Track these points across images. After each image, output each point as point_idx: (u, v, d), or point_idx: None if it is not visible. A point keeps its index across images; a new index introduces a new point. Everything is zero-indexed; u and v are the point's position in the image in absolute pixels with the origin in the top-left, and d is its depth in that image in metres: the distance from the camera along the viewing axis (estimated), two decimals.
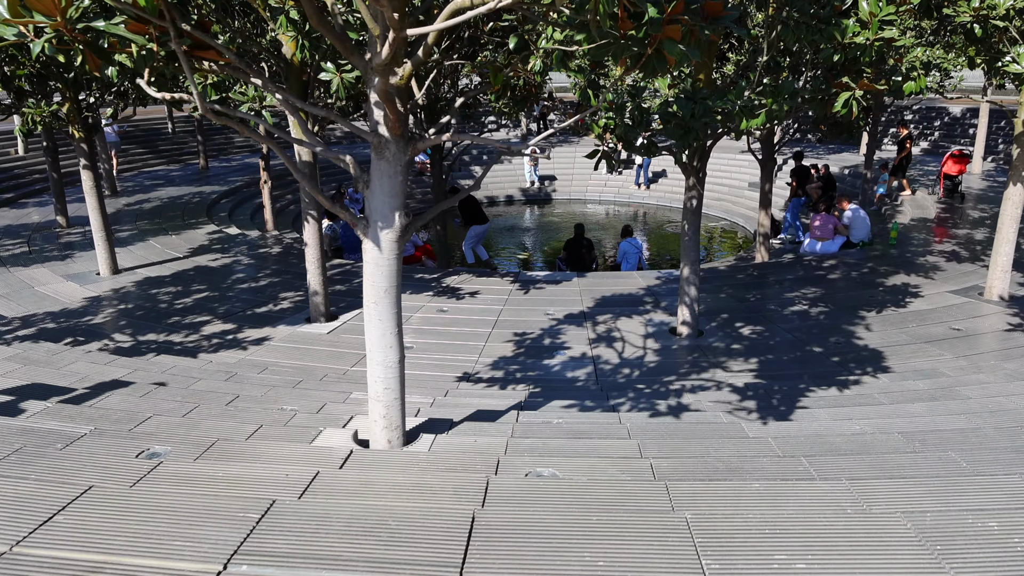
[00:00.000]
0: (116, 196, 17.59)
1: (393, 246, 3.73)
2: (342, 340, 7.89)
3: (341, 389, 6.00)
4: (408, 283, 10.38)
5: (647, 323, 8.39)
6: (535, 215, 21.31)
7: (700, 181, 7.45)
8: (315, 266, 8.42)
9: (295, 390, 5.89)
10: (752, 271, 10.95)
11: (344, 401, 5.50)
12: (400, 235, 3.73)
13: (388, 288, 3.79)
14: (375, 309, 3.82)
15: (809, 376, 6.68)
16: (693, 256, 7.63)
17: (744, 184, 21.34)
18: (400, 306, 3.89)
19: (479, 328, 8.29)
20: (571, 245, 12.93)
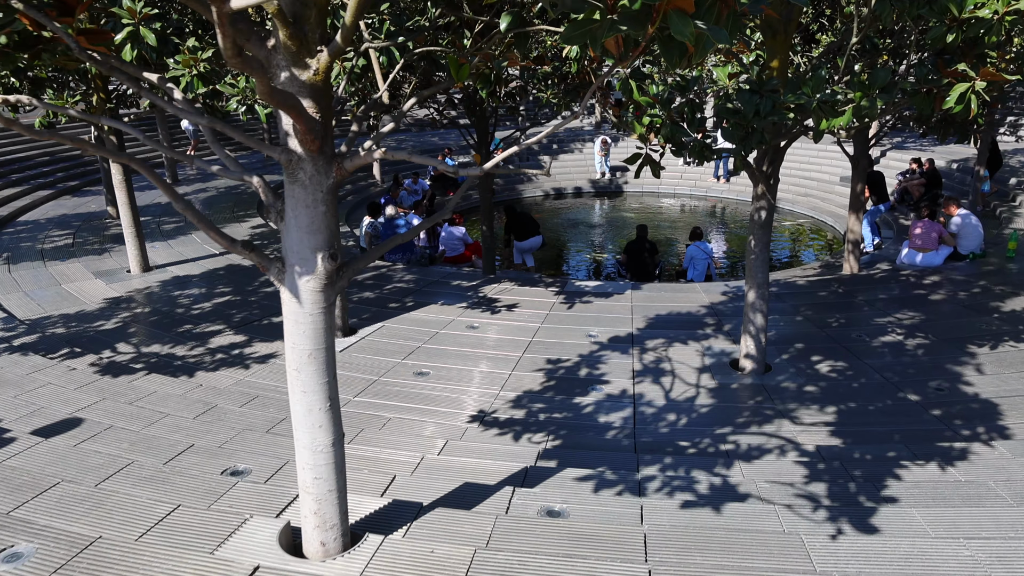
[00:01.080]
0: (177, 184, 17.36)
1: (317, 297, 2.76)
2: (353, 361, 7.02)
3: None
4: (443, 290, 9.46)
5: (705, 352, 7.19)
6: (604, 209, 20.08)
7: (771, 189, 6.20)
8: None
9: (267, 435, 5.03)
10: (837, 287, 9.52)
11: None
12: (327, 282, 2.75)
13: (314, 351, 2.82)
14: (298, 378, 2.87)
15: (901, 437, 5.38)
16: (760, 278, 6.40)
17: (835, 178, 19.52)
18: (333, 371, 2.92)
19: (509, 351, 7.27)
20: (632, 249, 11.74)
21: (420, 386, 6.47)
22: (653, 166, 5.39)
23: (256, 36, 2.40)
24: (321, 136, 2.52)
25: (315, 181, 2.59)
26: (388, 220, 11.52)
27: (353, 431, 5.17)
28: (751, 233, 6.37)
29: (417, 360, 7.06)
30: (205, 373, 6.65)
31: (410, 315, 8.42)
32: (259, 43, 2.41)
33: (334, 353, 2.92)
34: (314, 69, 2.44)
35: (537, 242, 12.42)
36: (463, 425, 5.65)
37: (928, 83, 4.31)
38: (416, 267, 11.01)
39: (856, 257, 10.74)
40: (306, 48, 2.42)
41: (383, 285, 9.65)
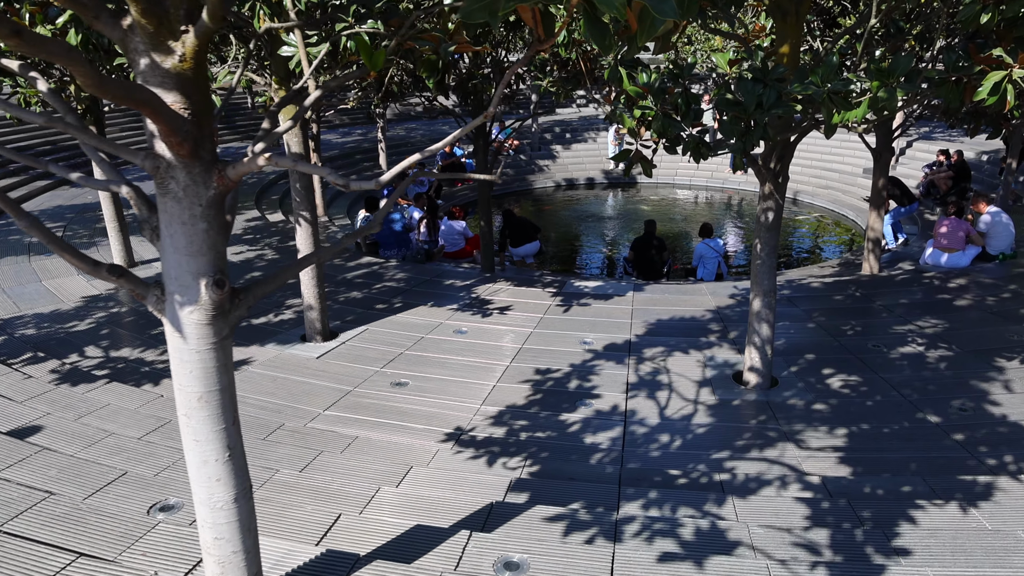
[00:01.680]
0: None
1: (204, 331, 2.29)
2: (329, 369, 6.58)
3: (275, 457, 4.66)
4: (435, 291, 8.99)
5: (707, 363, 6.66)
6: (617, 200, 19.50)
7: (780, 188, 5.65)
8: (309, 275, 7.14)
9: None
10: (855, 290, 8.92)
11: (258, 487, 4.15)
12: (216, 313, 2.28)
13: (205, 395, 2.36)
14: (188, 425, 2.40)
15: (919, 467, 4.85)
16: (767, 285, 5.86)
17: (858, 170, 18.80)
18: (232, 415, 2.46)
19: (496, 360, 6.79)
20: (639, 245, 11.20)
21: (396, 399, 6.01)
22: (644, 164, 4.87)
23: (107, 13, 1.92)
24: (193, 138, 2.04)
25: (191, 193, 2.11)
26: None
27: (310, 454, 4.72)
28: (757, 236, 5.83)
29: (397, 369, 6.60)
30: (168, 382, 6.23)
31: (396, 317, 7.96)
32: (111, 22, 1.93)
33: (233, 393, 2.45)
34: (179, 55, 1.96)
35: (532, 249, 11.86)
36: (434, 446, 5.18)
37: (958, 71, 3.75)
38: (412, 264, 10.55)
39: (876, 256, 10.13)
40: (167, 28, 1.93)
41: (373, 284, 9.20)
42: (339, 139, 22.14)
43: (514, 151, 21.78)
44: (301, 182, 6.92)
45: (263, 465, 4.46)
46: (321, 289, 7.22)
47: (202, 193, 2.12)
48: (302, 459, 4.67)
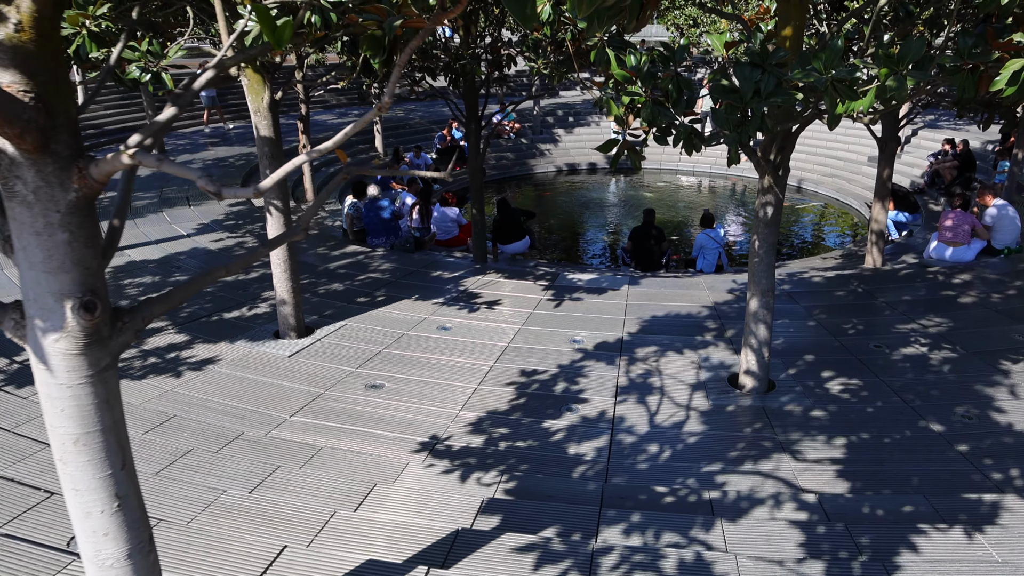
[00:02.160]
0: None
1: (76, 363, 1.91)
2: (301, 369, 6.22)
3: (227, 474, 4.31)
4: (421, 283, 8.60)
5: (702, 364, 6.29)
6: (619, 187, 19.05)
7: (780, 182, 5.25)
8: (282, 268, 6.76)
9: (153, 478, 4.24)
10: (857, 285, 8.52)
11: (191, 518, 3.80)
12: (89, 341, 1.90)
13: (82, 437, 1.99)
14: (65, 472, 2.04)
15: (921, 482, 4.48)
16: (765, 284, 5.47)
17: (863, 158, 18.33)
18: (122, 458, 2.09)
19: (479, 360, 6.42)
20: (638, 235, 10.78)
21: (370, 403, 5.65)
22: (633, 155, 4.47)
23: None
24: (40, 128, 1.65)
25: (44, 196, 1.73)
26: (371, 200, 10.65)
27: (266, 470, 4.36)
28: (755, 232, 5.43)
29: (373, 369, 6.24)
30: (127, 383, 5.88)
31: (378, 312, 7.59)
32: None
33: (121, 432, 2.08)
34: (15, 22, 1.57)
35: (521, 247, 11.29)
36: (405, 458, 4.82)
37: (973, 58, 3.33)
38: (399, 253, 10.16)
39: (880, 249, 9.71)
40: None
41: (356, 275, 8.82)
42: (335, 120, 21.70)
43: (515, 134, 21.32)
44: (272, 167, 6.52)
45: (210, 485, 4.11)
46: (295, 282, 6.84)
47: (59, 197, 1.74)
48: (256, 475, 4.32)
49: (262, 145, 6.47)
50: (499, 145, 20.84)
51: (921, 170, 15.94)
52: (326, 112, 23.42)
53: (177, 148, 17.76)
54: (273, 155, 6.49)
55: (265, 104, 6.34)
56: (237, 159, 16.28)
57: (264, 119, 6.37)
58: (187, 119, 21.07)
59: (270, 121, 6.40)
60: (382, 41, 2.67)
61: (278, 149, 6.50)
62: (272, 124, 6.42)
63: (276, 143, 6.48)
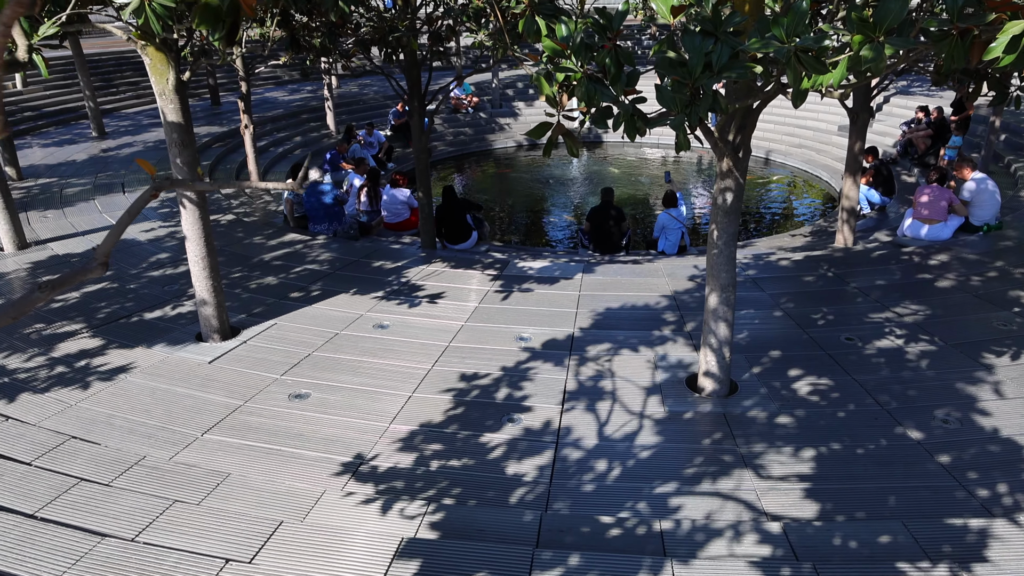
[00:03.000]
0: (101, 139, 15.72)
1: None
2: (220, 377, 5.62)
3: (113, 513, 3.73)
4: (361, 274, 8.00)
5: (658, 363, 5.80)
6: (581, 162, 18.47)
7: (740, 164, 4.72)
8: (200, 265, 6.13)
9: (21, 524, 3.65)
10: (827, 268, 8.07)
11: (61, 573, 3.22)
12: None
13: None
14: None
15: (899, 503, 4.03)
16: (725, 279, 4.97)
17: (833, 127, 17.97)
18: None
19: (417, 362, 5.87)
20: (596, 215, 10.24)
21: (291, 417, 5.08)
22: (569, 141, 3.90)
23: None
24: None
25: None
26: (312, 185, 9.97)
27: (160, 506, 3.80)
28: (713, 221, 4.91)
29: (300, 376, 5.66)
30: (28, 396, 5.25)
31: (312, 309, 6.99)
32: None
33: None
34: None
35: (468, 246, 10.36)
36: (323, 484, 4.28)
37: (964, 20, 2.80)
38: (342, 240, 9.53)
39: (851, 227, 9.29)
40: None
41: (292, 267, 8.19)
42: (286, 97, 20.80)
43: (473, 108, 20.60)
44: (182, 156, 5.87)
45: (90, 528, 3.54)
46: (216, 280, 6.22)
47: None
48: (147, 514, 3.75)
49: (170, 131, 5.80)
50: (457, 120, 20.13)
51: (893, 139, 15.56)
52: (277, 88, 22.47)
53: (119, 129, 16.83)
54: (183, 141, 5.83)
55: (171, 86, 5.67)
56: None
57: (170, 103, 5.70)
58: (131, 99, 20.06)
59: (177, 105, 5.73)
60: (218, 12, 2.07)
61: (188, 135, 5.84)
62: (180, 108, 5.75)
63: (186, 128, 5.81)
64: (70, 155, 13.97)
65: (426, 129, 18.92)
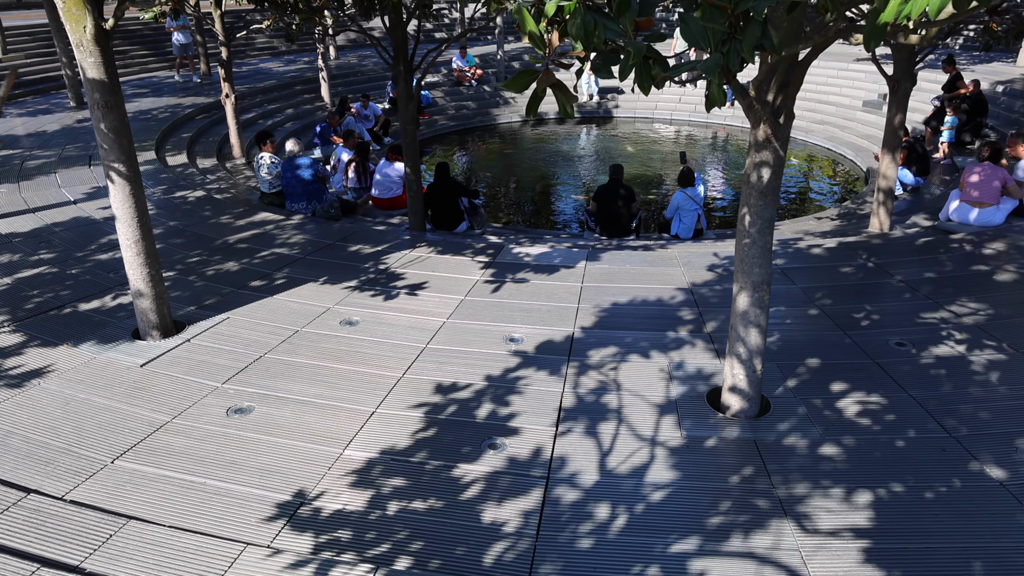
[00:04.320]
0: (79, 108, 14.78)
1: None
2: (151, 385, 4.72)
3: None
4: (334, 258, 7.06)
5: (673, 373, 4.85)
6: (590, 138, 17.41)
7: (780, 133, 3.74)
8: (134, 251, 5.22)
9: None
10: (866, 257, 7.08)
11: None
12: None
13: None
14: None
15: (985, 570, 3.10)
16: (759, 275, 4.01)
17: (857, 103, 16.83)
18: None
19: (386, 368, 4.95)
20: (603, 195, 9.26)
21: (226, 438, 4.18)
22: (561, 96, 2.93)
23: None
24: None
25: None
26: (289, 158, 9.01)
27: (26, 570, 2.90)
28: (744, 204, 3.94)
29: (245, 384, 4.75)
30: None
31: (273, 300, 6.07)
32: None
33: None
34: None
35: (459, 231, 9.28)
36: (247, 533, 3.37)
37: None
38: (321, 221, 8.58)
39: (888, 210, 8.29)
40: None
41: (258, 251, 7.25)
42: (280, 67, 19.78)
43: (476, 81, 19.53)
44: (107, 120, 4.92)
45: None
46: (154, 268, 5.30)
47: None
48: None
49: (91, 90, 4.85)
50: (459, 93, 19.08)
51: (924, 115, 14.43)
52: (273, 59, 21.45)
53: None
54: (107, 103, 4.88)
55: (89, 35, 4.71)
56: (161, 111, 14.47)
57: (90, 56, 4.75)
58: (119, 67, 19.06)
59: (99, 58, 4.77)
60: None
61: (113, 95, 4.88)
62: (102, 62, 4.79)
63: (110, 87, 4.86)
64: (42, 125, 13.04)
65: (429, 103, 18.00)
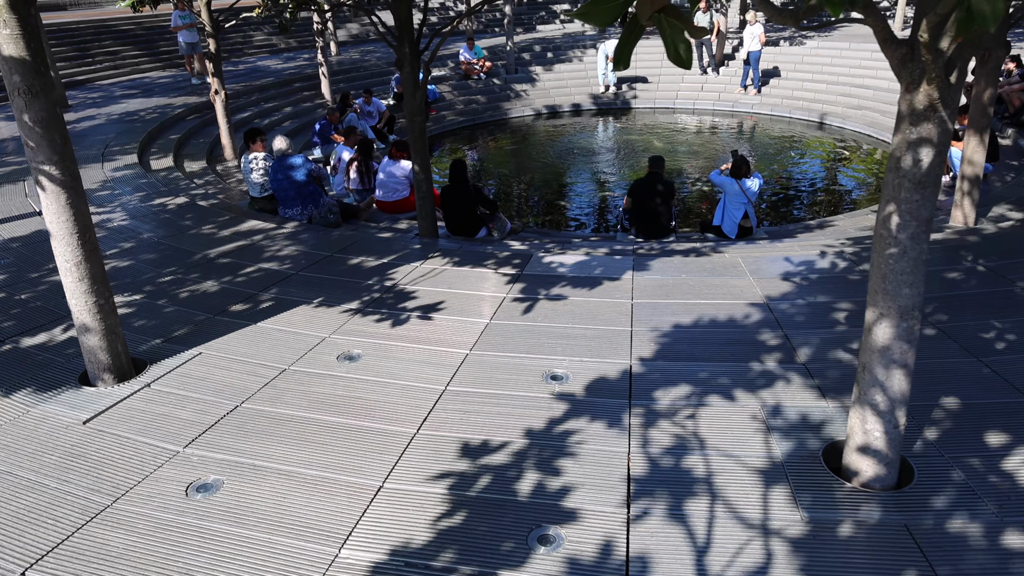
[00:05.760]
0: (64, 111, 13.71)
1: None
2: (93, 449, 3.64)
3: None
4: (334, 273, 5.96)
5: (770, 422, 3.72)
6: (608, 131, 16.28)
7: (948, 96, 2.61)
8: (75, 275, 4.13)
9: None
10: (970, 258, 5.92)
11: None
12: None
13: None
14: None
15: None
16: (908, 297, 2.88)
17: (896, 86, 15.55)
18: None
19: (394, 421, 3.84)
20: (640, 190, 8.10)
21: (181, 531, 3.08)
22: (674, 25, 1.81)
23: None
24: None
25: None
26: (279, 158, 7.91)
27: None
28: (890, 200, 2.81)
29: (213, 448, 3.66)
30: None
31: (257, 328, 4.98)
32: None
33: None
34: None
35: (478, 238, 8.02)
36: None
37: None
38: (317, 229, 7.49)
39: (973, 202, 7.14)
40: None
41: (243, 266, 6.16)
42: (279, 65, 18.73)
43: (486, 74, 18.41)
44: (31, 110, 3.83)
45: None
46: (103, 296, 4.22)
47: None
48: None
49: (8, 72, 3.77)
50: (468, 87, 17.96)
51: None
52: (272, 57, 20.40)
53: (86, 102, 14.86)
54: (30, 88, 3.79)
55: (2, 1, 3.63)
56: (149, 112, 13.43)
57: (5, 27, 3.66)
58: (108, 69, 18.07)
59: (16, 30, 3.69)
60: None
61: (38, 78, 3.80)
62: (21, 34, 3.70)
63: (33, 68, 3.77)
64: (16, 130, 12.02)
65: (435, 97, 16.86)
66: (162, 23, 20.93)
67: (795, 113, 16.16)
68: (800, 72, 17.54)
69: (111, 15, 21.75)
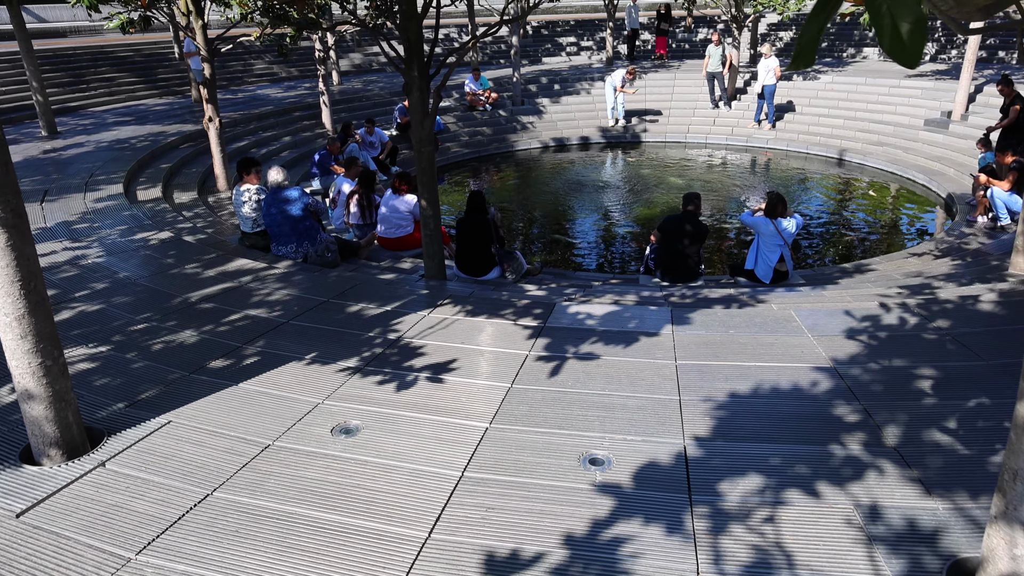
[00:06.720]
0: (50, 138, 13.17)
1: None
2: (20, 555, 2.89)
3: None
4: (331, 322, 5.24)
5: (870, 530, 2.98)
6: (617, 165, 15.70)
7: None
8: (17, 330, 3.42)
9: None
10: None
11: None
12: None
13: None
14: None
15: None
16: None
17: (919, 122, 15.11)
18: None
19: (400, 521, 3.09)
20: (670, 227, 7.42)
21: None
22: None
23: None
24: None
25: None
26: (273, 191, 7.24)
27: None
28: None
29: (174, 556, 2.91)
30: None
31: (239, 390, 4.25)
32: None
33: None
34: None
35: (491, 277, 7.36)
36: None
37: None
38: (313, 269, 6.79)
39: None
40: None
41: (228, 312, 5.44)
42: (280, 94, 18.22)
43: (491, 105, 17.89)
44: None
45: None
46: (50, 356, 3.50)
47: None
48: None
49: None
50: (473, 118, 17.43)
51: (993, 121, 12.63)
52: (272, 85, 19.92)
53: (75, 128, 14.28)
54: None
55: None
56: (141, 140, 12.82)
57: None
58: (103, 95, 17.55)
59: None
60: None
61: None
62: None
63: None
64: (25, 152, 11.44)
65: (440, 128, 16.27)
66: (161, 50, 20.50)
67: (812, 149, 15.60)
68: (815, 107, 17.04)
69: (108, 41, 21.36)
